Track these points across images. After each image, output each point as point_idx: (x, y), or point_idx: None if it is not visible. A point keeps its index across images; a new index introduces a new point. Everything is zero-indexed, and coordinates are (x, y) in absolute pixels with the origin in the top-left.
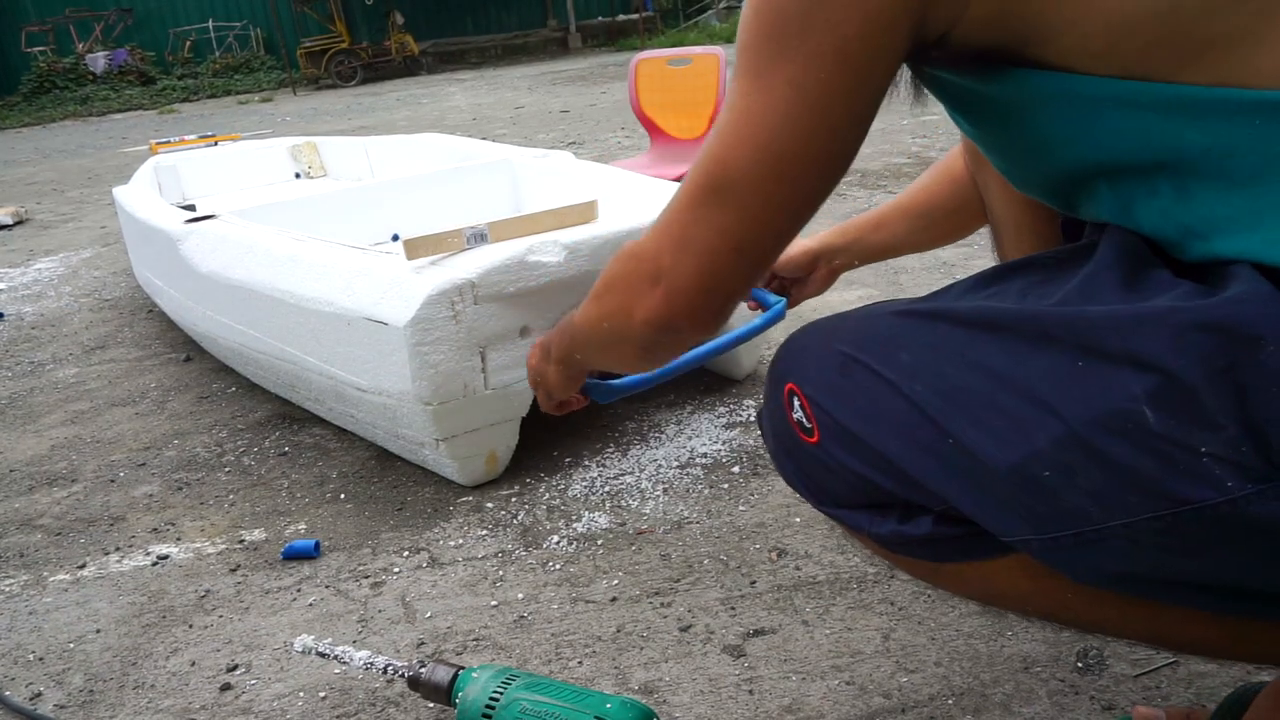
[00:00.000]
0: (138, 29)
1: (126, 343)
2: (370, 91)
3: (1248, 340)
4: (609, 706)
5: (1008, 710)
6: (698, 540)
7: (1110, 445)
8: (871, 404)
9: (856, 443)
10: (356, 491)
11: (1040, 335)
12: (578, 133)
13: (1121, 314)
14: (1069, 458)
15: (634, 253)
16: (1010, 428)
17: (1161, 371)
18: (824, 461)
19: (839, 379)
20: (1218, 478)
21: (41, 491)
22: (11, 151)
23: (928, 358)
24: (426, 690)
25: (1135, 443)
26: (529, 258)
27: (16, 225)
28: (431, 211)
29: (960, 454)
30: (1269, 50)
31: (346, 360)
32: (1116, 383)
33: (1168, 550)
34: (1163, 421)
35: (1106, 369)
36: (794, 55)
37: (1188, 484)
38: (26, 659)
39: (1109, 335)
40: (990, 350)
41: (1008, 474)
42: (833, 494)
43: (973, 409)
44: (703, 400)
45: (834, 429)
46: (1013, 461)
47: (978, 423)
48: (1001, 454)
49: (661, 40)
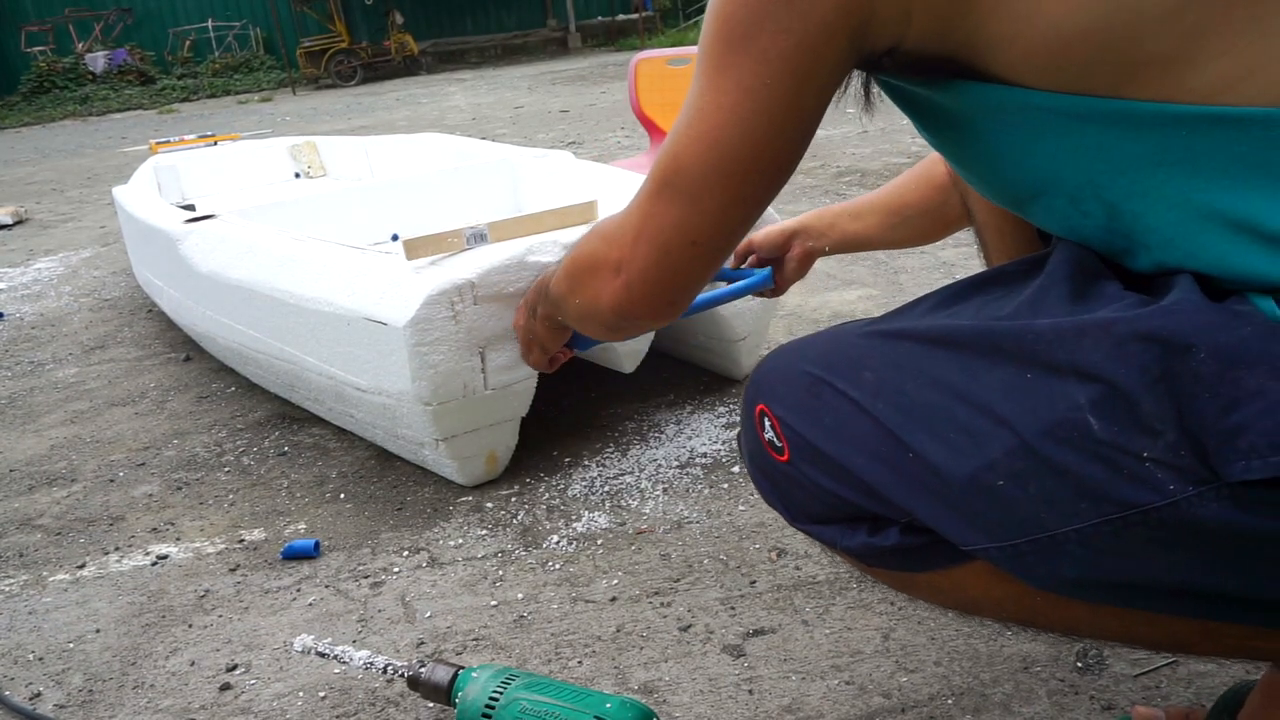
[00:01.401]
0: (137, 29)
1: (126, 342)
2: (370, 91)
3: (1180, 349)
4: (609, 706)
5: (1007, 710)
6: (698, 540)
7: (1059, 454)
8: (838, 422)
9: (825, 460)
10: (356, 491)
11: (993, 350)
12: (577, 133)
13: (1065, 326)
14: (1021, 467)
15: (602, 234)
16: (965, 440)
17: (1103, 381)
18: (795, 479)
19: (807, 399)
20: (1159, 481)
21: (41, 491)
22: (11, 151)
23: (890, 376)
24: (426, 690)
25: (1082, 450)
26: (529, 258)
27: (16, 225)
28: (431, 211)
29: (920, 467)
30: (1199, 70)
31: (346, 360)
32: (1062, 393)
33: (1119, 554)
34: (1106, 429)
35: (1053, 381)
36: (742, 59)
37: (1132, 488)
38: (26, 659)
39: (1055, 347)
40: (948, 367)
41: (964, 484)
42: (806, 510)
43: (931, 423)
44: (702, 400)
45: (803, 447)
46: (968, 472)
47: (936, 436)
48: (957, 465)
49: (661, 40)
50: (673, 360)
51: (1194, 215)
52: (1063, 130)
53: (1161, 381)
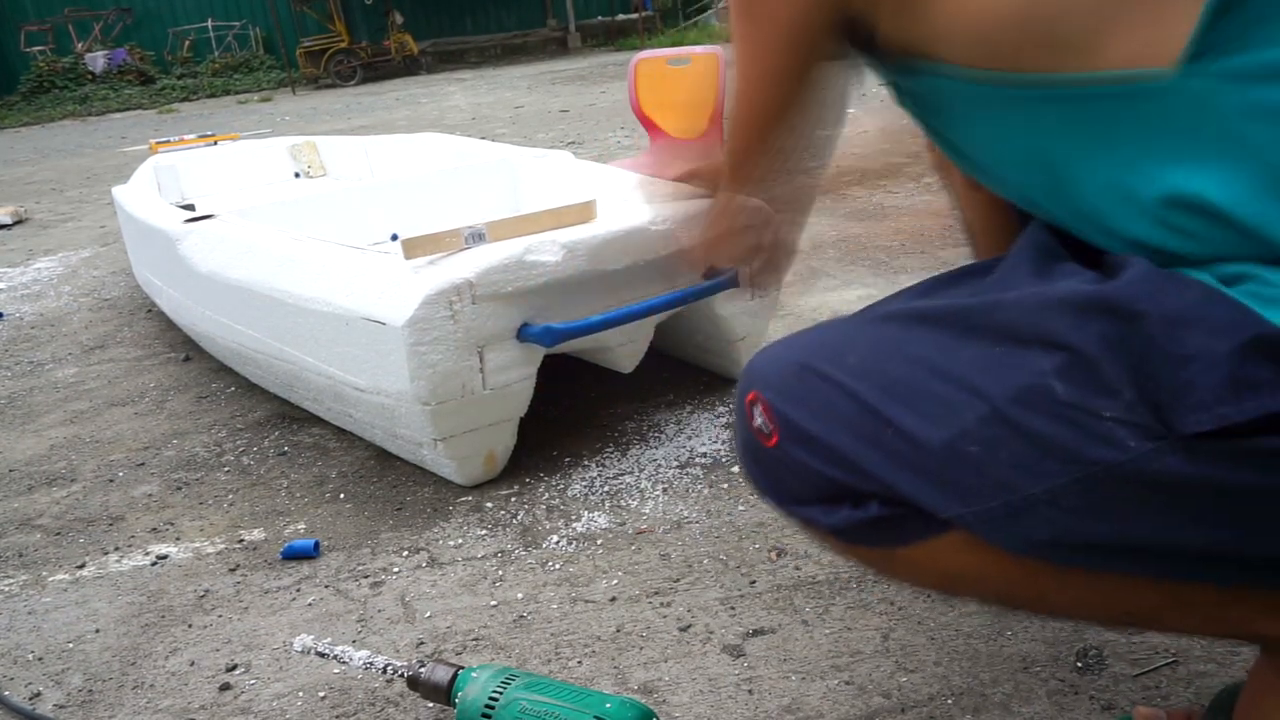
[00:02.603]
0: (137, 28)
1: (126, 342)
2: (370, 91)
3: (1133, 315)
4: (608, 706)
5: (1007, 710)
6: (697, 540)
7: (1027, 418)
8: (823, 405)
9: (811, 440)
10: (356, 491)
11: (965, 325)
12: (577, 132)
13: (1028, 299)
14: (992, 433)
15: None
16: (941, 411)
17: (1066, 349)
18: (783, 461)
19: (795, 384)
20: (1121, 438)
21: (40, 491)
22: (10, 151)
23: (872, 357)
24: (426, 690)
25: (1048, 414)
26: (527, 257)
27: (16, 225)
28: (431, 211)
29: (900, 440)
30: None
31: (345, 360)
32: (1028, 361)
33: (1087, 513)
34: (1069, 392)
35: (1020, 351)
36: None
37: (1095, 446)
38: (26, 659)
39: (1020, 320)
40: (925, 345)
41: (940, 452)
42: (792, 492)
43: (909, 398)
44: (702, 400)
45: (791, 429)
46: (944, 440)
47: (913, 409)
48: (934, 434)
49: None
50: (673, 360)
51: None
52: (1002, 107)
53: (1118, 346)
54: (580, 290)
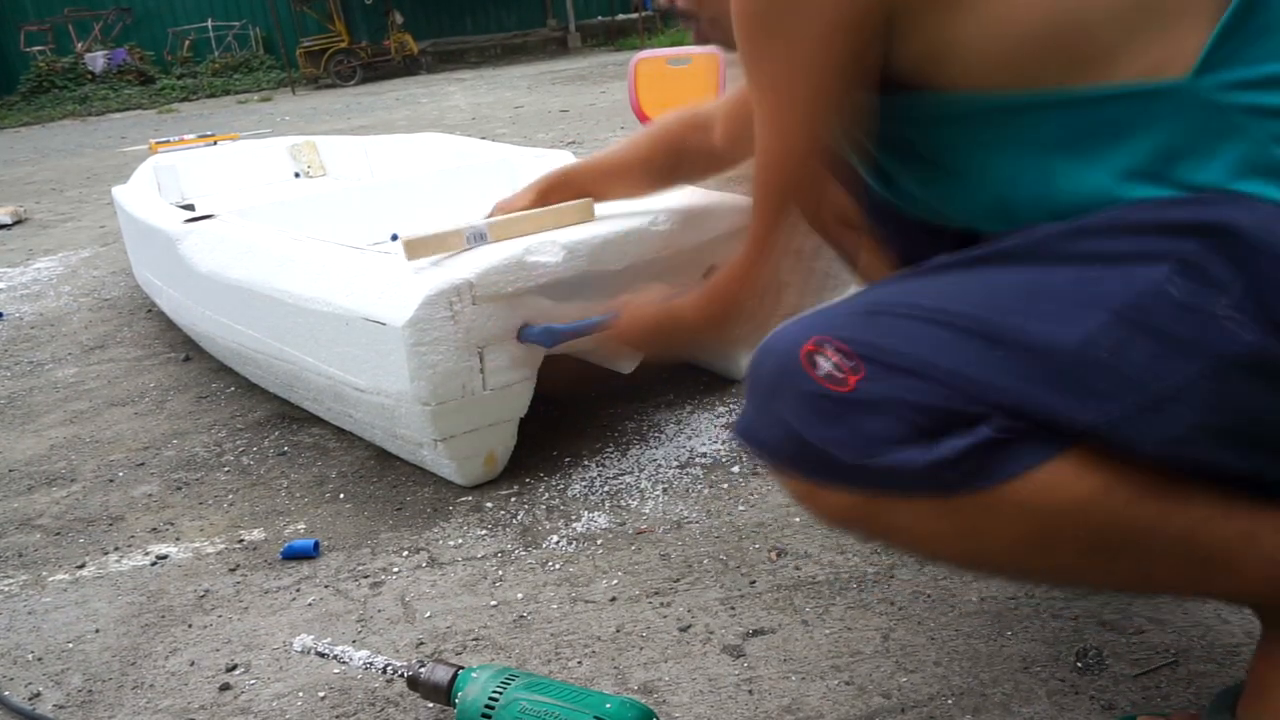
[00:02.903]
0: (137, 28)
1: (126, 342)
2: (369, 91)
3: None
4: (609, 706)
5: (1007, 710)
6: (697, 540)
7: (1150, 319)
8: (910, 336)
9: (907, 368)
10: (356, 491)
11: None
12: (577, 132)
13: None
14: (1119, 336)
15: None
16: (1060, 320)
17: (1169, 258)
18: (868, 401)
19: (871, 324)
20: (1234, 330)
21: (40, 491)
22: (10, 151)
23: (949, 295)
24: (426, 690)
25: (1169, 314)
26: (527, 258)
27: (15, 225)
28: (431, 211)
29: (1022, 351)
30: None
31: (345, 360)
32: (1139, 272)
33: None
34: (1185, 291)
35: (1123, 268)
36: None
37: (1217, 339)
38: (25, 659)
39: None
40: (1007, 277)
41: (1073, 357)
42: (877, 437)
43: (1020, 311)
44: (702, 400)
45: (879, 358)
46: (1075, 344)
47: (1033, 316)
48: (1063, 337)
49: (661, 40)
50: (672, 360)
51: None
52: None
53: (1218, 250)
54: (581, 291)
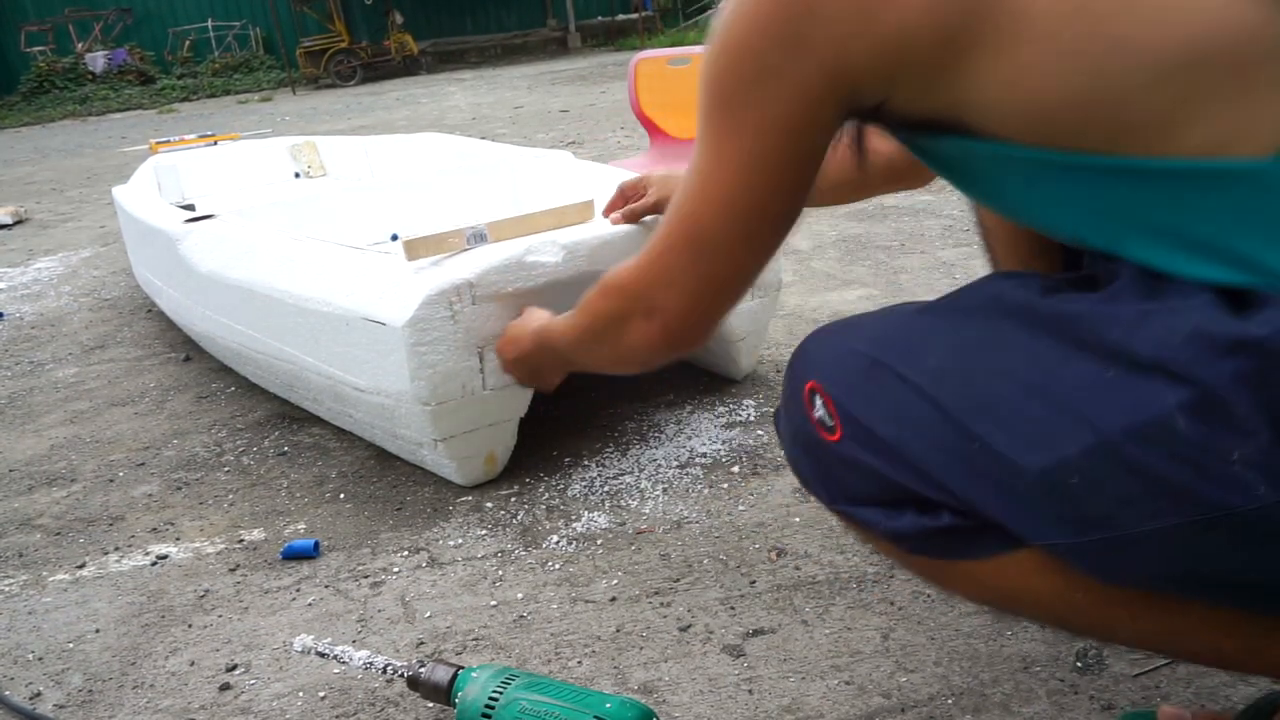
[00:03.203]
0: (137, 28)
1: (126, 342)
2: (370, 91)
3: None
4: (608, 706)
5: (1007, 710)
6: (697, 540)
7: (1142, 454)
8: (896, 408)
9: (880, 444)
10: (356, 491)
11: (1071, 338)
12: (577, 132)
13: (1151, 320)
14: (1099, 466)
15: (620, 289)
16: (1039, 435)
17: (1195, 383)
18: (845, 459)
19: (864, 381)
20: (1249, 483)
21: (41, 491)
22: (11, 151)
23: (955, 361)
24: (426, 690)
25: (1167, 452)
26: (527, 258)
27: (16, 225)
28: (431, 211)
29: (987, 457)
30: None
31: (345, 360)
32: (1147, 392)
33: (1196, 553)
34: (1195, 429)
35: (1138, 379)
36: (743, 128)
37: (1219, 490)
38: (26, 659)
39: (1139, 342)
40: (1020, 354)
41: (1035, 479)
42: (849, 491)
43: (1001, 415)
44: (702, 400)
45: (857, 429)
46: (1041, 466)
47: (1006, 428)
48: (1030, 459)
49: (661, 40)
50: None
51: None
52: (1058, 179)
53: (1256, 385)
54: (580, 290)
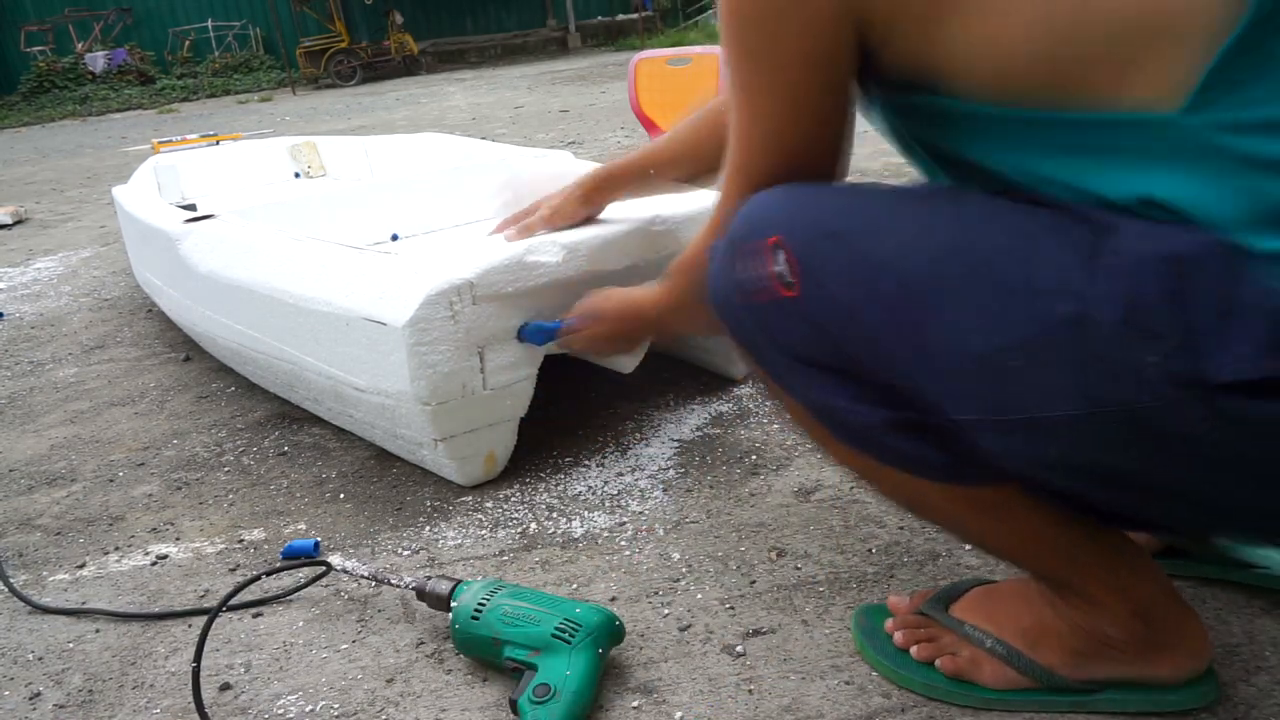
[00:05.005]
0: (137, 28)
1: (126, 342)
2: (370, 91)
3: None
4: (578, 611)
5: (1007, 709)
6: (697, 540)
7: (1071, 348)
8: (855, 274)
9: (836, 307)
10: (356, 491)
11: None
12: (577, 132)
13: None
14: (1032, 353)
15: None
16: (985, 320)
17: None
18: (797, 315)
19: (829, 245)
20: (1152, 381)
21: (40, 491)
22: (10, 151)
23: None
24: (431, 600)
25: (1093, 347)
26: (527, 257)
27: (16, 225)
28: (431, 211)
29: (934, 336)
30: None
31: (345, 360)
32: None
33: (1099, 443)
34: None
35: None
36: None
37: (1127, 386)
38: (26, 659)
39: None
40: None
41: (974, 359)
42: (790, 347)
43: (957, 295)
44: (702, 400)
45: (819, 289)
46: (980, 349)
47: (959, 308)
48: (973, 341)
49: (661, 40)
50: (672, 360)
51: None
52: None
53: (1176, 296)
54: (580, 290)
